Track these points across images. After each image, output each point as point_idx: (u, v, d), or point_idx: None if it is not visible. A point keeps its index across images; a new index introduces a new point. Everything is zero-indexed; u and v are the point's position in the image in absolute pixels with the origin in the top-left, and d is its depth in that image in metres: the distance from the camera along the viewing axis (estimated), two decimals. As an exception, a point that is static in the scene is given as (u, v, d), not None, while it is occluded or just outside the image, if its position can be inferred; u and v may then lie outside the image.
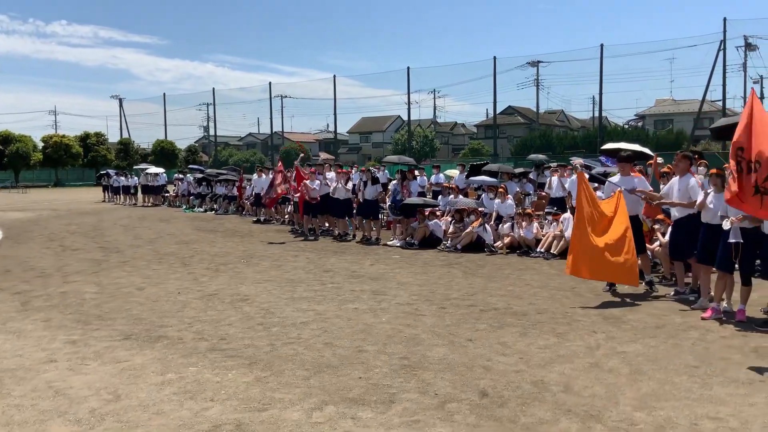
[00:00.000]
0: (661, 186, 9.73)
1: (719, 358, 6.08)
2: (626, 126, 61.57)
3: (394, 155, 30.81)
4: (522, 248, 13.19)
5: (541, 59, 60.00)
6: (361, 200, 15.42)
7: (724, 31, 45.29)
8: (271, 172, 20.88)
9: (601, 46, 49.87)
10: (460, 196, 15.99)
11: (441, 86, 78.80)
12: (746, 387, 5.31)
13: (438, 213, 15.54)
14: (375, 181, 14.80)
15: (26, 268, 12.05)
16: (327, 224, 17.20)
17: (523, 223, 13.26)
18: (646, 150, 12.25)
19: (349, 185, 15.60)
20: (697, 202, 8.08)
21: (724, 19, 45.00)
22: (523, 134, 65.56)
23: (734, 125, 7.11)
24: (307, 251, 14.07)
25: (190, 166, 40.30)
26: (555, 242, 12.65)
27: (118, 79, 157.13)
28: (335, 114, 65.91)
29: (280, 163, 18.46)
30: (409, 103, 62.21)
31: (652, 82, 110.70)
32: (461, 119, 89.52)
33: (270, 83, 68.95)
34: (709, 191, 7.95)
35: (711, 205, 7.84)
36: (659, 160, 14.95)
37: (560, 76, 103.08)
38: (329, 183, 15.93)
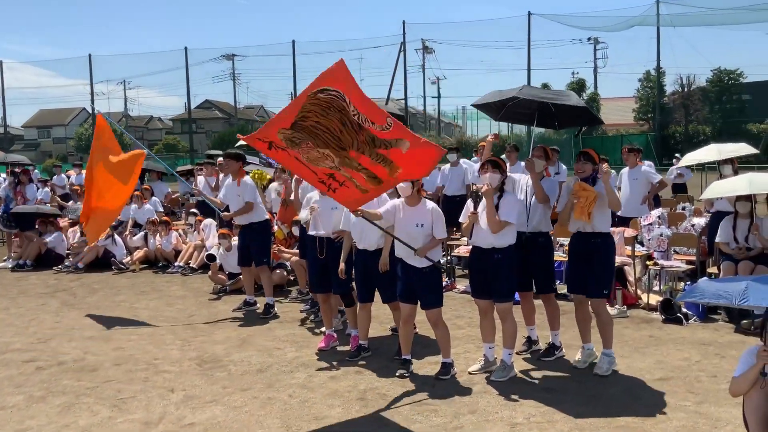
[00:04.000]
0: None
1: (313, 418, 4.68)
2: (323, 121, 62.80)
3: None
4: (160, 262, 11.10)
5: (236, 52, 58.22)
6: None
7: (404, 34, 48.10)
8: None
9: (293, 42, 49.86)
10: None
11: (131, 77, 72.30)
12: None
13: (65, 223, 12.69)
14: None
15: None
16: None
17: (160, 233, 11.14)
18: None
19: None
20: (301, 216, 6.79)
21: (403, 23, 47.74)
22: (222, 129, 63.26)
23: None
24: None
25: None
26: (196, 254, 10.76)
27: None
28: (3, 105, 57.16)
29: None
30: (92, 93, 56.58)
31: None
32: (157, 113, 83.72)
33: None
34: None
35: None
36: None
37: (258, 70, 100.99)
38: None
